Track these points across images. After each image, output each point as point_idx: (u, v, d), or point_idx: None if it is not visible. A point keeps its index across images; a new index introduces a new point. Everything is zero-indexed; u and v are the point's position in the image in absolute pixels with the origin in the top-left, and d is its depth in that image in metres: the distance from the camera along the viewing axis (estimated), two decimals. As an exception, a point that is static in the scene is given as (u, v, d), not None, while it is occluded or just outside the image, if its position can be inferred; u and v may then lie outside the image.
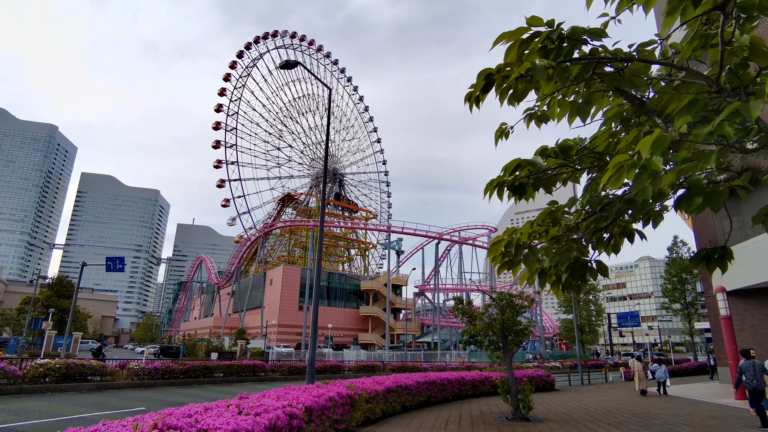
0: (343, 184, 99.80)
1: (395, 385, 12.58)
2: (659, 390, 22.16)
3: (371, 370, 31.17)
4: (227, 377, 23.76)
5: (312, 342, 12.08)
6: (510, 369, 12.73)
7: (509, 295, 13.26)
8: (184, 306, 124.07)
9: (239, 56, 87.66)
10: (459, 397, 16.88)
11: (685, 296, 42.93)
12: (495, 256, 2.69)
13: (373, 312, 74.05)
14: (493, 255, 2.68)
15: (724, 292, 18.41)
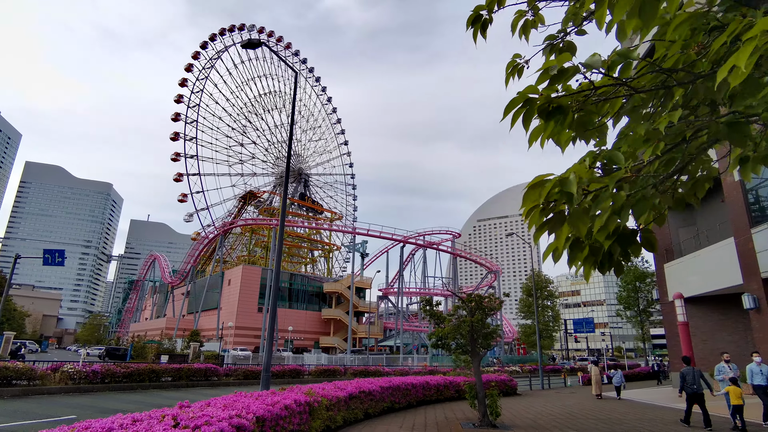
0: (308, 184, 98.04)
1: (358, 390, 11.79)
2: (617, 394, 22.65)
3: (332, 375, 30.16)
4: (176, 382, 22.13)
5: (268, 345, 11.09)
6: (478, 373, 12.23)
7: (478, 296, 12.79)
8: (135, 306, 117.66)
9: (203, 47, 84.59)
10: (423, 403, 16.27)
11: (639, 304, 44.49)
12: (532, 210, 1.97)
13: (336, 315, 72.75)
14: (530, 206, 1.97)
15: (681, 299, 18.81)
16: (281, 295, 70.46)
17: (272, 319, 11.33)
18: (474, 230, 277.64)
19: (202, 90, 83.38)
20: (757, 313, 18.25)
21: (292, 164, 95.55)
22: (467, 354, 12.60)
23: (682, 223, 26.06)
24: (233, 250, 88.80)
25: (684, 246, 25.40)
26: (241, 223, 76.84)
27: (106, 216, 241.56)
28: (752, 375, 11.55)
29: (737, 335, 22.76)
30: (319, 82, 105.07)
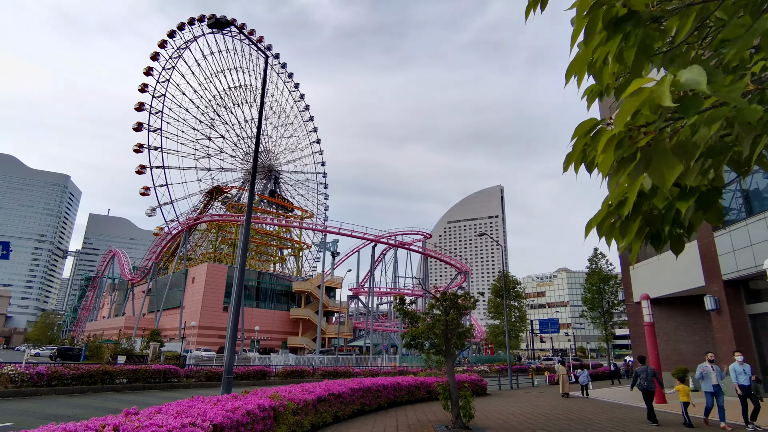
0: (278, 181, 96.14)
1: (327, 393, 11.20)
2: (583, 393, 23.03)
3: (300, 376, 29.33)
4: (132, 384, 20.81)
5: (230, 345, 10.33)
6: (452, 374, 11.87)
7: (453, 295, 12.45)
8: (92, 304, 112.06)
9: (170, 36, 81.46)
10: (394, 404, 15.83)
11: (603, 305, 45.68)
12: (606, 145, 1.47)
13: (305, 314, 71.49)
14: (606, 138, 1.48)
15: (648, 300, 19.16)
16: (248, 294, 68.60)
17: (235, 318, 10.59)
18: (444, 231, 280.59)
19: (169, 80, 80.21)
20: (717, 314, 18.82)
21: (262, 160, 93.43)
22: (440, 354, 12.23)
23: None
24: (198, 247, 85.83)
25: (649, 248, 26.05)
26: (207, 219, 74.32)
27: (62, 209, 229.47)
28: (736, 375, 11.52)
29: (697, 335, 23.52)
30: (292, 78, 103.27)
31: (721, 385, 11.54)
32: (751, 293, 18.35)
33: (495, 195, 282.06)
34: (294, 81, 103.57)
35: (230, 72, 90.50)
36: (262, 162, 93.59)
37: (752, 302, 18.16)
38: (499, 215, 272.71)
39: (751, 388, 11.24)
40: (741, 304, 18.36)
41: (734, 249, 17.97)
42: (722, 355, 18.50)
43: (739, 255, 17.71)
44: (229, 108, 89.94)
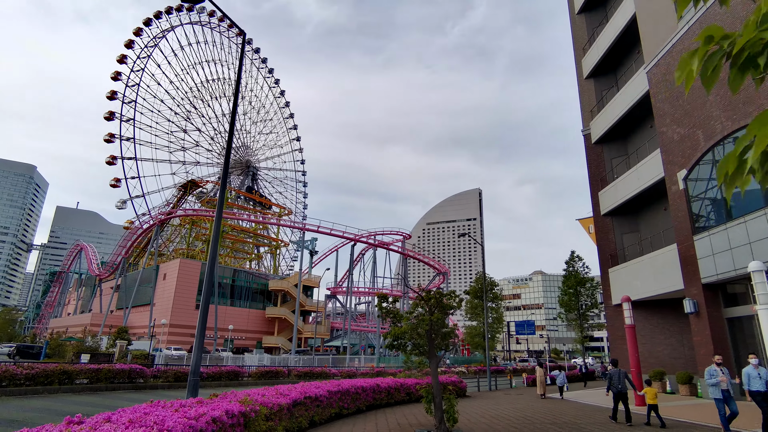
0: (256, 178, 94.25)
1: (303, 396, 10.49)
2: (561, 394, 23.19)
3: (275, 377, 28.36)
4: (94, 384, 19.51)
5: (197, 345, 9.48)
6: (435, 376, 11.31)
7: (438, 293, 11.90)
8: (57, 300, 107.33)
9: (146, 24, 78.70)
10: (373, 407, 15.19)
11: (579, 307, 46.18)
12: None
13: (281, 314, 70.04)
14: None
15: (629, 302, 19.09)
16: (222, 291, 66.76)
17: (204, 315, 9.75)
18: (423, 233, 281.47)
19: (143, 69, 77.40)
20: (696, 317, 18.90)
21: (240, 156, 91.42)
22: (423, 355, 11.66)
23: (626, 229, 26.94)
24: (170, 242, 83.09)
25: (628, 252, 26.23)
26: (181, 214, 71.96)
27: (27, 201, 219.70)
28: (749, 379, 10.45)
29: (673, 338, 23.71)
30: (272, 74, 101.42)
31: (731, 390, 10.59)
32: (728, 297, 18.49)
33: (473, 198, 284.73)
34: (275, 77, 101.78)
35: (208, 64, 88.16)
36: (239, 157, 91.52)
37: (730, 306, 18.29)
38: (477, 218, 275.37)
39: (766, 394, 10.17)
40: (719, 308, 18.47)
41: (714, 252, 18.04)
42: (700, 359, 18.60)
43: (718, 258, 17.79)
44: (206, 101, 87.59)
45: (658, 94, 22.10)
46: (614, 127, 27.07)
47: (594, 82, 30.22)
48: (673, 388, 21.73)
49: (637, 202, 25.21)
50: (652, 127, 25.37)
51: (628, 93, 25.53)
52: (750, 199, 16.65)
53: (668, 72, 21.48)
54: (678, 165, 20.42)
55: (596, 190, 28.20)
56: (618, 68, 28.95)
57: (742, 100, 17.04)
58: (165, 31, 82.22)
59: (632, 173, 24.61)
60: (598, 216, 27.91)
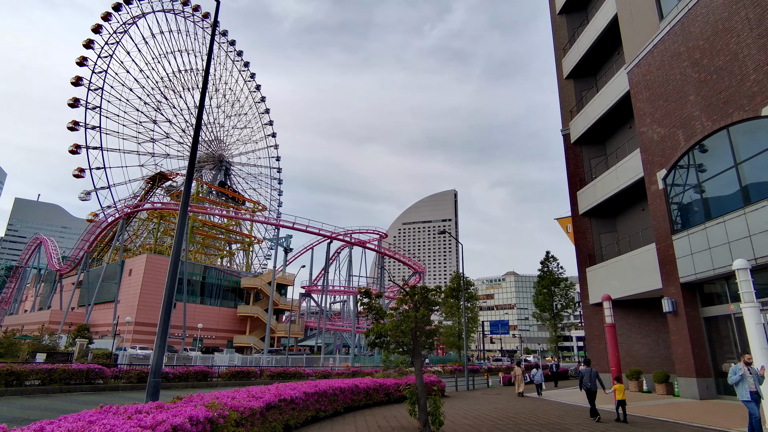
0: (229, 173, 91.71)
1: (277, 398, 9.65)
2: (538, 392, 23.72)
3: (246, 378, 27.20)
4: (46, 386, 17.99)
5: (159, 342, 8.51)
6: (420, 376, 10.69)
7: (424, 288, 11.27)
8: (12, 296, 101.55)
9: (116, 9, 75.28)
10: (351, 409, 14.46)
11: (553, 307, 46.62)
12: None
13: (253, 312, 68.20)
14: None
15: (609, 301, 18.99)
16: (192, 289, 64.46)
17: (166, 313, 8.78)
18: (399, 232, 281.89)
19: (111, 56, 73.91)
20: (674, 317, 18.99)
21: (213, 150, 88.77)
22: (407, 354, 11.02)
23: (604, 229, 27.11)
24: (137, 237, 79.69)
25: (605, 251, 26.38)
26: (148, 207, 68.99)
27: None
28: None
29: (649, 338, 23.91)
30: (248, 67, 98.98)
31: (761, 391, 9.73)
32: (705, 296, 18.62)
33: (449, 199, 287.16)
34: (250, 71, 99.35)
35: (180, 54, 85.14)
36: (212, 151, 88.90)
37: (707, 305, 18.43)
38: (453, 218, 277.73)
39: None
40: (696, 307, 18.59)
41: (692, 252, 18.13)
42: (677, 357, 18.68)
43: (697, 258, 17.88)
44: (178, 92, 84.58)
45: (639, 94, 22.19)
46: (593, 128, 27.19)
47: (574, 82, 30.36)
48: (649, 386, 21.86)
49: (615, 202, 25.35)
50: (631, 127, 25.58)
51: (608, 93, 25.65)
52: (730, 199, 16.76)
53: (649, 72, 21.58)
54: (658, 165, 20.52)
55: (575, 190, 28.29)
56: (598, 69, 29.14)
57: (723, 100, 17.15)
58: (135, 18, 78.93)
59: (611, 173, 24.72)
60: (576, 215, 27.99)
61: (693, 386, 17.69)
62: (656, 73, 21.11)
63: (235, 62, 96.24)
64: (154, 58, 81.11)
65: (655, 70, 21.17)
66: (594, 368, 14.66)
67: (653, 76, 21.30)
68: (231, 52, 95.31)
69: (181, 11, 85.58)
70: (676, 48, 19.98)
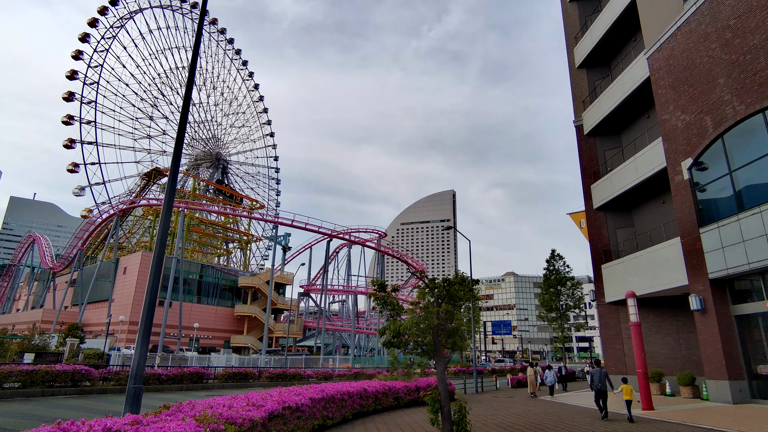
0: (227, 171, 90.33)
1: (281, 406, 8.36)
2: (551, 393, 23.62)
3: (244, 379, 25.87)
4: (27, 389, 16.63)
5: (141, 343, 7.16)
6: (443, 381, 9.42)
7: (446, 280, 9.98)
8: (5, 295, 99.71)
9: (113, 3, 73.76)
10: (360, 415, 13.18)
11: (560, 307, 45.42)
12: None
13: (251, 312, 66.73)
14: None
15: (634, 298, 17.76)
16: (188, 288, 62.99)
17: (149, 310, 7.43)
18: (397, 233, 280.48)
19: (108, 50, 72.48)
20: (702, 315, 17.76)
21: (210, 148, 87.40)
22: (428, 355, 9.73)
23: (620, 224, 25.89)
24: (132, 234, 78.08)
25: (622, 247, 25.16)
26: (144, 204, 67.42)
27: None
28: None
29: (669, 337, 22.69)
30: (246, 66, 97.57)
31: None
32: (737, 293, 17.41)
33: (447, 199, 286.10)
34: (248, 69, 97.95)
35: (178, 51, 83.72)
36: (209, 149, 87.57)
37: (739, 303, 17.21)
38: (451, 219, 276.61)
39: None
40: (727, 305, 17.37)
41: (723, 246, 16.91)
42: (706, 358, 17.46)
43: (728, 252, 16.66)
44: (175, 89, 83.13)
45: (660, 80, 20.98)
46: (608, 118, 25.96)
47: (586, 72, 29.14)
48: (673, 389, 20.64)
49: (632, 195, 24.13)
50: (650, 117, 24.38)
51: (624, 82, 24.43)
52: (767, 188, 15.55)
53: (672, 56, 20.37)
54: (682, 154, 19.30)
55: (588, 184, 27.07)
56: (613, 58, 27.94)
57: (759, 81, 15.95)
58: (132, 13, 77.57)
59: (629, 165, 23.50)
60: (590, 210, 26.77)
61: (725, 389, 16.45)
62: (680, 57, 19.91)
63: (234, 60, 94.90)
64: (151, 53, 79.70)
65: (679, 54, 19.97)
66: (604, 369, 14.88)
67: (676, 60, 20.10)
68: (229, 50, 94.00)
69: (179, 8, 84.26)
70: (703, 29, 18.78)
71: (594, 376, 14.27)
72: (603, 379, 13.97)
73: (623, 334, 24.31)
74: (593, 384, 14.15)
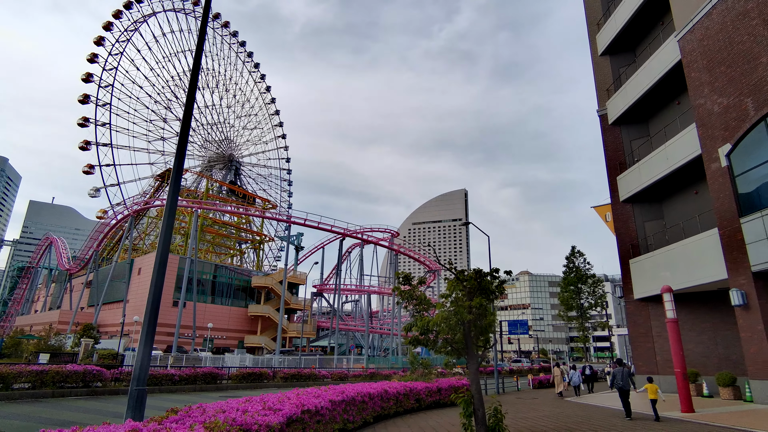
0: (239, 173, 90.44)
1: (300, 409, 7.58)
2: (576, 393, 23.74)
3: (258, 379, 25.26)
4: (37, 390, 16.19)
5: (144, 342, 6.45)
6: (476, 382, 8.55)
7: (478, 271, 9.11)
8: (24, 296, 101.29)
9: (127, 7, 74.29)
10: (381, 418, 12.37)
11: (580, 305, 44.02)
12: None
13: (264, 312, 66.46)
14: None
15: (670, 293, 16.63)
16: (202, 288, 62.95)
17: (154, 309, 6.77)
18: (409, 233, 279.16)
19: (122, 53, 72.95)
20: (744, 311, 16.56)
21: (223, 150, 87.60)
22: (458, 353, 8.87)
23: (649, 217, 24.65)
24: (146, 235, 78.51)
25: (651, 240, 23.93)
26: (158, 205, 67.65)
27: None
28: None
29: (704, 335, 21.43)
30: (258, 68, 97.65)
31: None
32: (782, 287, 16.18)
33: (459, 198, 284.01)
34: (260, 72, 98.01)
35: (191, 53, 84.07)
36: (222, 151, 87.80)
37: (785, 297, 15.98)
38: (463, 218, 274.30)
39: None
40: (772, 300, 16.14)
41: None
42: (750, 357, 16.26)
43: (774, 243, 15.45)
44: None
45: (693, 63, 19.77)
46: (635, 106, 24.74)
47: (610, 59, 27.92)
48: (711, 390, 19.41)
49: (662, 186, 22.90)
50: (680, 103, 23.15)
51: (652, 67, 23.21)
52: (819, 173, 14.34)
53: (707, 37, 19.17)
54: (719, 139, 18.10)
55: (614, 175, 25.86)
56: (638, 43, 26.68)
57: (808, 58, 14.73)
58: (146, 16, 78.02)
59: (659, 154, 22.29)
60: (616, 203, 25.56)
61: (772, 391, 15.26)
62: (716, 38, 18.71)
63: (246, 63, 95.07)
64: (164, 56, 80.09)
65: (715, 33, 18.77)
66: (626, 368, 14.84)
67: (712, 40, 18.90)
68: (241, 53, 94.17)
69: (192, 11, 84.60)
70: (741, 5, 17.58)
71: (617, 375, 14.34)
72: (626, 378, 14.06)
73: (653, 332, 23.08)
74: (615, 383, 14.30)
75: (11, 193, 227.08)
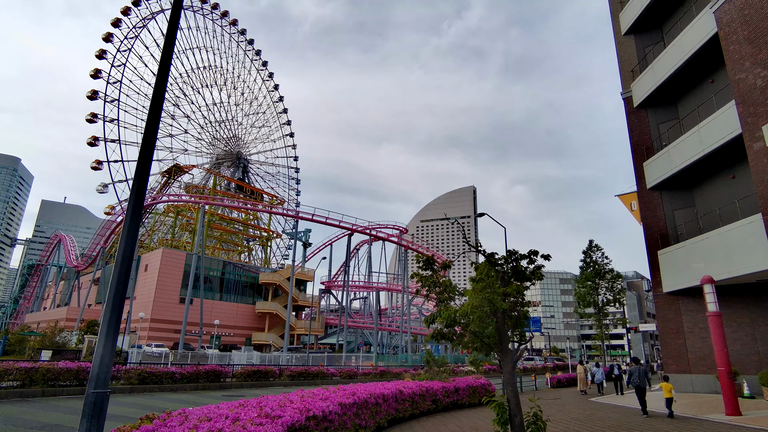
0: (247, 170, 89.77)
1: (304, 415, 6.31)
2: (599, 390, 23.39)
3: (264, 377, 24.13)
4: (26, 389, 15.13)
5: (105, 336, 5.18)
6: (512, 383, 7.24)
7: (512, 252, 7.76)
8: (34, 294, 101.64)
9: (135, 4, 73.67)
10: (396, 422, 11.08)
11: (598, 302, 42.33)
12: None
13: (272, 309, 65.57)
14: None
15: (712, 284, 15.11)
16: (210, 285, 62.18)
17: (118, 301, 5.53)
18: (417, 230, 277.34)
19: (131, 50, 72.38)
20: (795, 304, 15.03)
21: (231, 147, 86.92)
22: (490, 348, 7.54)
23: (678, 205, 23.04)
24: (154, 231, 78.01)
25: (682, 230, 22.34)
26: (165, 201, 66.97)
27: (11, 194, 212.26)
28: None
29: (742, 331, 19.82)
30: (266, 67, 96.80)
31: None
32: (840, 278, 14.60)
33: (468, 195, 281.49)
34: (268, 70, 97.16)
35: (199, 51, 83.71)
36: (230, 149, 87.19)
37: (843, 289, 14.40)
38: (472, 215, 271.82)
39: None
40: (827, 292, 14.58)
41: (823, 221, 14.13)
42: (802, 356, 14.72)
43: (831, 228, 13.88)
44: (196, 88, 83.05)
45: (732, 35, 18.15)
46: (663, 86, 23.07)
47: (635, 38, 26.27)
48: (752, 390, 17.85)
49: (693, 171, 21.29)
50: (714, 81, 21.50)
51: (684, 43, 21.57)
52: None
53: (747, 5, 17.54)
54: (763, 117, 16.50)
55: (640, 161, 24.26)
56: (666, 20, 25.01)
57: None
58: (154, 14, 77.39)
59: (692, 136, 20.67)
60: (643, 190, 23.96)
61: (830, 393, 13.72)
62: (758, 5, 17.09)
63: (254, 61, 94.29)
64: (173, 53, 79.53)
65: (758, 1, 17.14)
66: (643, 366, 14.85)
67: (754, 8, 17.28)
68: (249, 51, 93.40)
69: (200, 8, 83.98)
70: (789, -32, 15.95)
71: (633, 373, 14.52)
72: (643, 376, 14.20)
73: (685, 328, 21.53)
74: (631, 381, 14.57)
75: (23, 193, 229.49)
